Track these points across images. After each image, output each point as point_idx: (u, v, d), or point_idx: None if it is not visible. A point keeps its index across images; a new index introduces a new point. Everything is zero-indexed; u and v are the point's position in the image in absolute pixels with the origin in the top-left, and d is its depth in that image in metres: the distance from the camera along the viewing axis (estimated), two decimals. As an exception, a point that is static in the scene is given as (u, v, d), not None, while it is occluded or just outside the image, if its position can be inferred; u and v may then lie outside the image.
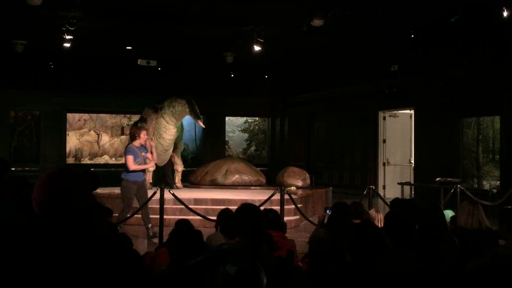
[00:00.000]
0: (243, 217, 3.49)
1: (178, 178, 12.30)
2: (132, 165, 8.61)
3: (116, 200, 9.67)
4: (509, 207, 4.78)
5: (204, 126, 12.45)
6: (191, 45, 13.73)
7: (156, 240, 8.23)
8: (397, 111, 15.18)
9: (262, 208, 4.43)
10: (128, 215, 8.79)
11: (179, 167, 12.29)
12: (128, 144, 9.29)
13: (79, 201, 2.01)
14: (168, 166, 12.31)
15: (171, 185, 11.92)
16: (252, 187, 12.54)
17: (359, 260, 3.26)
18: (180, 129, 11.96)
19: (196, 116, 11.23)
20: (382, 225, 4.93)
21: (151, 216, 9.16)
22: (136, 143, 8.86)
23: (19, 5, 9.68)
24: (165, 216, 8.24)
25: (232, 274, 2.95)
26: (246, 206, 3.61)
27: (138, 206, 8.95)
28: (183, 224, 4.29)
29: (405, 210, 4.63)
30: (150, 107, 11.87)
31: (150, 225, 8.83)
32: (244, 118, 19.89)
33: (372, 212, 5.68)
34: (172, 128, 11.27)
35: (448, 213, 5.69)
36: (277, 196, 8.81)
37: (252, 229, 3.42)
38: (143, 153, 8.84)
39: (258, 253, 3.28)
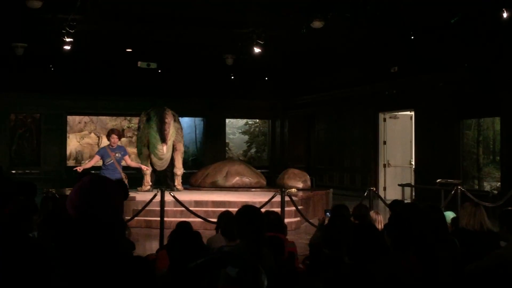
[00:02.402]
0: (245, 219, 3.48)
1: (178, 181, 12.28)
2: (88, 163, 9.72)
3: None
4: (509, 208, 4.77)
5: (163, 150, 11.15)
6: (191, 47, 13.73)
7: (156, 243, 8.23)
8: (397, 112, 15.17)
9: (263, 210, 4.43)
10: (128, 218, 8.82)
11: (178, 171, 12.25)
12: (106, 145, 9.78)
13: (115, 210, 2.03)
14: (169, 168, 12.30)
15: (171, 187, 11.93)
16: (253, 189, 12.54)
17: (357, 263, 3.25)
18: (175, 132, 11.76)
19: (160, 139, 11.01)
20: (382, 227, 4.93)
21: (152, 218, 9.08)
22: (111, 144, 9.34)
23: (19, 8, 9.69)
24: (165, 218, 8.25)
25: (233, 276, 2.95)
26: (248, 208, 3.61)
27: (138, 208, 8.95)
28: (181, 226, 4.30)
29: (406, 213, 4.62)
30: (145, 113, 11.98)
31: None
32: (245, 120, 19.89)
33: (372, 214, 5.66)
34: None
35: (449, 215, 5.69)
36: (277, 198, 8.82)
37: (253, 231, 3.42)
38: (117, 154, 9.22)
39: (259, 255, 3.28)
